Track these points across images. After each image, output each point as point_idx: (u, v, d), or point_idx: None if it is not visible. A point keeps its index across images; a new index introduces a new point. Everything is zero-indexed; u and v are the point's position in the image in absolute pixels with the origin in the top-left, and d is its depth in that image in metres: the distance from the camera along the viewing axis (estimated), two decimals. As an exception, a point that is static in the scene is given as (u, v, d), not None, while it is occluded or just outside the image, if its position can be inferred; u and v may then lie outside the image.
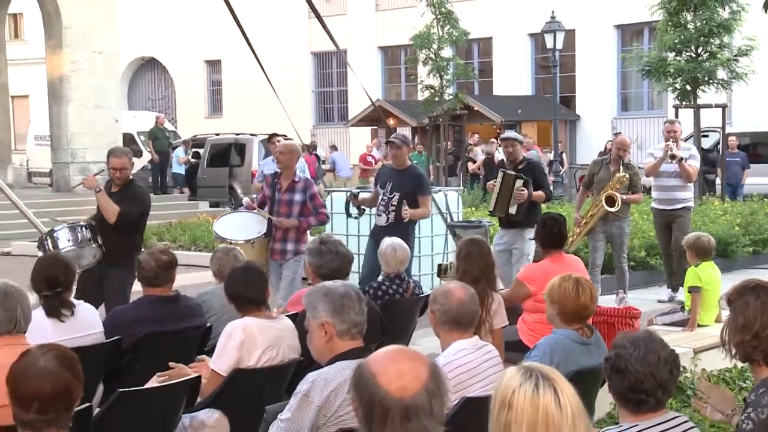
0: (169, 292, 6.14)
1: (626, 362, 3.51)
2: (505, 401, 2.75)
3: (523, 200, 9.82)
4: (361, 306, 4.27)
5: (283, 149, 9.51)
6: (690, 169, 11.10)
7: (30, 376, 3.29)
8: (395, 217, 9.48)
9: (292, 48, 37.80)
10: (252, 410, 4.88)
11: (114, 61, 26.39)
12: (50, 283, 5.73)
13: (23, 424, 3.30)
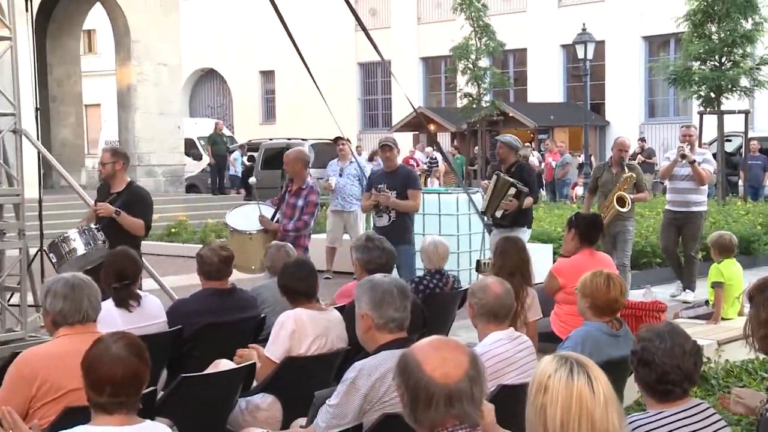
0: (227, 286, 6.17)
1: (653, 355, 3.48)
2: (541, 385, 2.74)
3: (511, 209, 9.55)
4: (403, 303, 4.25)
5: (286, 159, 9.44)
6: (703, 172, 10.72)
7: (103, 362, 3.31)
8: (397, 214, 9.35)
9: (340, 59, 37.86)
10: (302, 395, 4.88)
11: (177, 72, 26.60)
12: (119, 276, 5.78)
13: (96, 406, 3.33)
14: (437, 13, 36.70)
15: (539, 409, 2.72)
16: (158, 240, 16.68)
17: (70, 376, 3.85)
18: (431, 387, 2.70)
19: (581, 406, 2.69)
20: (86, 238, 7.68)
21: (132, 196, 8.14)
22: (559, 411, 2.69)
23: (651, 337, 3.55)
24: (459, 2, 27.79)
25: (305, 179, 9.21)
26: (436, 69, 37.95)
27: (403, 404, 2.78)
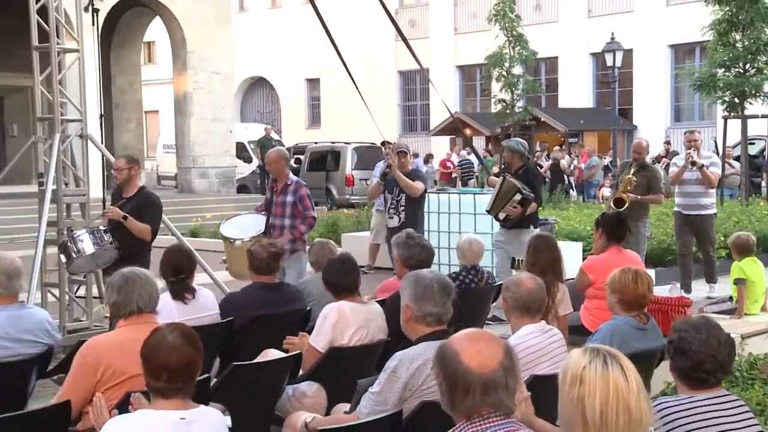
0: (275, 280, 6.21)
1: (690, 344, 3.47)
2: (576, 377, 2.72)
3: (515, 216, 9.31)
4: (443, 299, 4.26)
5: (269, 159, 9.09)
6: (712, 176, 10.43)
7: (160, 351, 3.34)
8: (406, 216, 9.29)
9: (381, 67, 37.89)
10: (346, 383, 4.89)
11: (229, 80, 26.78)
12: (175, 270, 5.84)
13: (154, 391, 3.36)
14: (473, 24, 36.59)
15: (576, 400, 2.70)
16: (211, 237, 16.78)
17: (131, 363, 3.89)
18: (469, 376, 2.71)
19: (618, 395, 2.67)
20: (95, 238, 7.61)
21: (142, 201, 8.05)
22: (598, 401, 2.67)
23: (687, 328, 3.54)
24: (494, 13, 27.77)
25: (288, 176, 8.88)
26: (472, 76, 37.87)
27: (441, 392, 2.78)
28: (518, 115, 28.21)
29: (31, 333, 4.94)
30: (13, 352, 4.84)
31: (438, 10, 38.85)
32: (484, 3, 33.25)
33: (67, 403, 4.15)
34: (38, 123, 9.64)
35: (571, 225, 14.32)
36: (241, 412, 4.66)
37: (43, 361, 5.04)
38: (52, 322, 5.23)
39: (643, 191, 10.10)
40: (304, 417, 4.54)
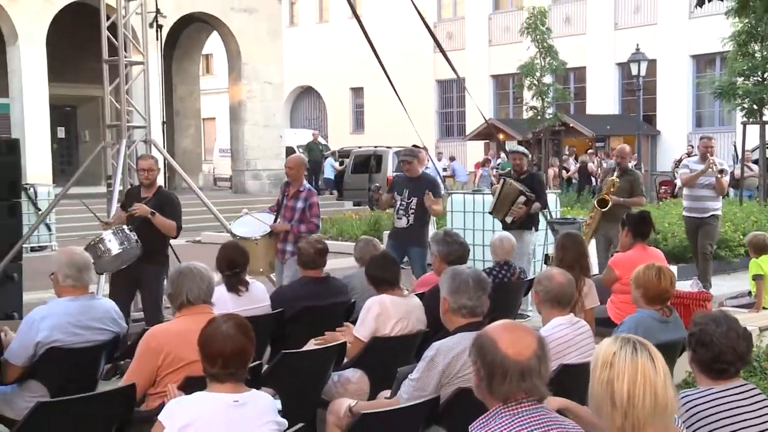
0: (321, 274, 6.20)
1: (710, 336, 3.43)
2: (606, 362, 2.72)
3: (519, 216, 9.17)
4: (477, 293, 4.26)
5: (290, 164, 8.81)
6: (725, 183, 10.29)
7: (216, 339, 3.36)
8: (414, 219, 8.98)
9: (420, 76, 37.86)
10: (387, 370, 4.90)
11: (280, 89, 26.91)
12: (230, 265, 5.86)
13: (210, 376, 3.39)
14: (506, 36, 36.45)
15: (605, 382, 2.69)
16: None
17: (189, 350, 3.91)
18: (507, 363, 2.71)
19: (645, 380, 2.67)
20: (120, 238, 7.46)
21: (163, 199, 7.91)
22: (626, 384, 2.66)
23: (707, 322, 3.50)
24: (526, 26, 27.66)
25: (302, 182, 8.71)
26: (505, 85, 37.71)
27: (479, 378, 2.78)
28: (548, 121, 28.08)
29: (100, 321, 4.98)
30: (84, 339, 4.89)
31: (473, 23, 38.75)
32: (517, 16, 33.15)
33: (132, 385, 4.20)
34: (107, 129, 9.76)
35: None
36: (290, 396, 4.68)
37: (111, 347, 5.09)
38: (119, 311, 5.28)
39: (626, 194, 9.97)
40: (348, 402, 4.55)
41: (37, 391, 4.72)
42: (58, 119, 25.01)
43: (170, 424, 3.23)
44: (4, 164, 9.34)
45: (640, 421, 2.67)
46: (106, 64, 9.53)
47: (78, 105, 26.96)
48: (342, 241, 15.67)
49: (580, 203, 20.97)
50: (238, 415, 3.31)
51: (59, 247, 12.42)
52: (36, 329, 4.77)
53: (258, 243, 8.37)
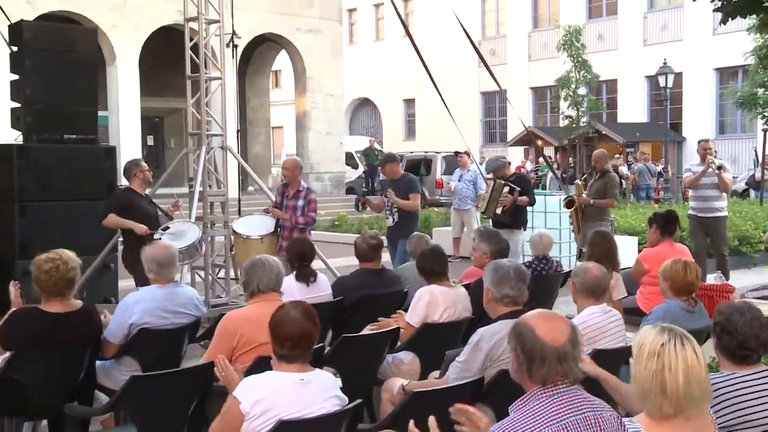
0: (378, 266, 6.18)
1: (735, 325, 3.37)
2: (654, 352, 2.68)
3: (507, 204, 8.94)
4: (518, 284, 4.24)
5: (286, 165, 8.58)
6: (727, 180, 9.78)
7: (286, 323, 3.38)
8: (399, 216, 8.79)
9: (466, 88, 37.73)
10: (436, 353, 4.90)
11: (340, 101, 27.00)
12: (299, 258, 5.89)
13: (279, 357, 3.41)
14: (544, 52, 36.16)
15: (655, 372, 2.65)
16: (324, 230, 16.94)
17: (260, 332, 3.93)
18: (545, 349, 2.68)
19: (693, 371, 2.64)
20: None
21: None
22: (680, 376, 2.63)
23: (732, 311, 3.44)
24: (562, 43, 27.48)
25: (300, 183, 8.44)
26: (543, 96, 37.42)
27: (518, 363, 2.75)
28: (582, 128, 27.86)
29: (183, 307, 5.04)
30: (169, 322, 4.96)
31: (514, 40, 38.51)
32: (554, 34, 32.88)
33: (211, 363, 4.25)
34: (189, 137, 9.86)
35: (628, 222, 14.12)
36: (349, 375, 4.69)
37: (193, 330, 5.16)
38: (199, 298, 5.34)
39: (600, 195, 9.59)
40: (401, 381, 4.56)
41: (131, 365, 4.80)
42: (147, 129, 25.40)
43: (244, 398, 3.27)
44: (103, 168, 9.52)
45: (684, 408, 2.64)
46: (189, 80, 9.64)
47: (165, 116, 27.36)
48: (396, 237, 15.70)
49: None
50: (304, 391, 3.33)
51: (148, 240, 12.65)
52: (129, 312, 4.86)
53: (263, 242, 8.13)
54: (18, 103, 9.30)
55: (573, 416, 2.62)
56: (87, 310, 4.68)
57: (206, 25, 9.58)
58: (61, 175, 9.07)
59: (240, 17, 13.27)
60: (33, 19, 16.07)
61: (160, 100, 24.66)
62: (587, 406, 2.68)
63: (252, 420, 3.23)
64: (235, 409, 3.27)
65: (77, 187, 9.17)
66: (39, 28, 9.88)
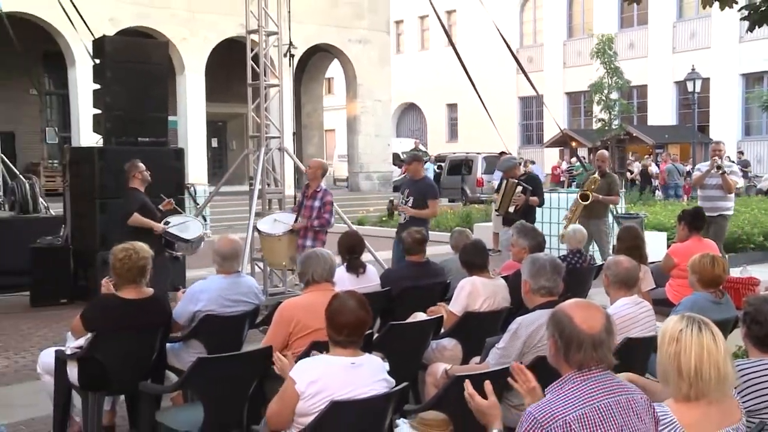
0: (422, 259, 6.15)
1: (764, 315, 3.29)
2: (673, 337, 2.63)
3: (520, 203, 8.71)
4: (554, 276, 4.18)
5: (311, 164, 8.30)
6: (731, 182, 9.39)
7: (343, 312, 3.36)
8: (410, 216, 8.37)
9: (505, 94, 37.46)
10: (477, 340, 4.85)
11: (388, 106, 27.02)
12: (350, 250, 5.86)
13: (335, 342, 3.39)
14: (578, 59, 35.74)
15: (673, 355, 2.61)
16: (372, 225, 16.97)
17: (314, 319, 3.94)
18: (581, 335, 2.64)
19: (709, 355, 2.58)
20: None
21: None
22: (693, 358, 2.58)
23: (761, 303, 3.35)
24: (595, 51, 27.21)
25: (319, 183, 8.18)
26: (577, 101, 36.97)
27: (556, 349, 2.71)
28: (614, 131, 27.54)
29: (245, 295, 5.08)
30: (232, 309, 4.99)
31: (550, 48, 38.14)
32: (588, 43, 32.51)
33: (269, 347, 4.29)
34: (249, 139, 9.96)
35: (657, 219, 13.92)
36: (396, 360, 4.68)
37: (253, 316, 5.18)
38: (258, 287, 5.38)
39: (603, 193, 9.50)
40: (444, 366, 4.54)
41: (197, 348, 4.84)
42: (212, 132, 25.71)
43: (300, 379, 3.27)
44: (173, 168, 9.67)
45: (703, 390, 2.59)
46: (249, 87, 9.74)
47: (227, 120, 27.66)
48: (439, 232, 15.64)
49: (642, 201, 20.44)
50: (355, 374, 3.33)
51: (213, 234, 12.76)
52: (196, 299, 4.92)
53: (281, 239, 7.99)
54: (99, 110, 9.49)
55: (606, 398, 2.59)
56: (158, 297, 4.75)
57: (266, 37, 9.66)
58: (136, 175, 9.22)
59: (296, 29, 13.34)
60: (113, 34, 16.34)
61: (223, 105, 24.94)
62: (619, 390, 2.65)
63: (306, 399, 3.24)
64: (291, 389, 3.28)
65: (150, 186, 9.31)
66: (118, 43, 10.06)
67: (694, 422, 2.59)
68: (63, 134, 22.12)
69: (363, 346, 3.51)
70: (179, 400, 4.74)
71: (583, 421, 2.51)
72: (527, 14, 39.72)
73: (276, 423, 3.36)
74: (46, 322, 8.30)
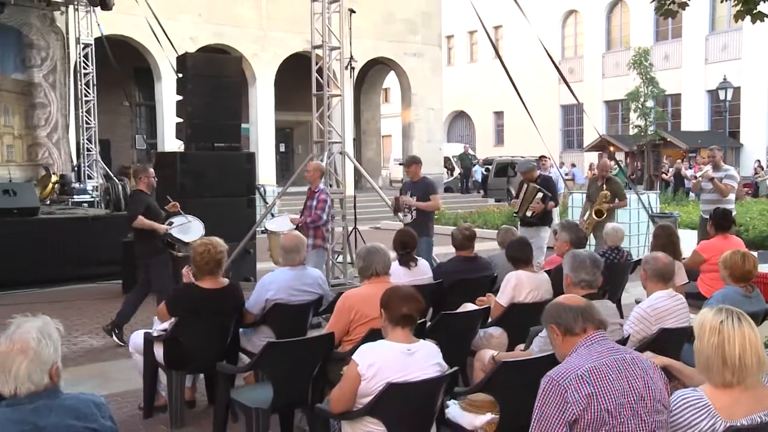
0: (471, 254, 6.07)
1: None
2: (714, 329, 2.56)
3: (538, 210, 8.48)
4: (593, 270, 4.11)
5: (309, 168, 8.01)
6: (722, 186, 8.97)
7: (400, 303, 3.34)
8: (417, 214, 8.16)
9: (548, 102, 36.96)
10: (522, 329, 4.78)
11: (439, 113, 26.92)
12: (403, 246, 5.81)
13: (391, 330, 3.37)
14: (616, 70, 35.09)
15: (716, 346, 2.55)
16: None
17: (372, 309, 3.92)
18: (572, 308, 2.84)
19: (751, 344, 2.52)
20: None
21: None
22: (737, 348, 2.52)
23: None
24: (632, 62, 26.66)
25: (318, 185, 7.97)
26: (615, 109, 36.27)
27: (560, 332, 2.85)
28: (650, 136, 26.97)
29: (310, 286, 5.10)
30: (298, 298, 5.02)
31: (590, 60, 37.50)
32: (625, 55, 31.86)
33: (331, 334, 4.30)
34: (314, 145, 10.01)
35: (690, 217, 13.60)
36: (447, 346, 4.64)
37: (317, 305, 5.20)
38: (323, 278, 5.40)
39: (611, 200, 9.26)
40: (491, 352, 4.49)
41: (267, 333, 4.88)
42: (280, 138, 26.00)
43: (361, 362, 3.27)
44: (245, 170, 9.79)
45: (744, 377, 2.53)
46: (314, 97, 9.78)
47: (294, 127, 27.93)
48: (486, 229, 15.55)
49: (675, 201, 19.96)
50: (409, 359, 3.31)
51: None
52: (266, 289, 4.95)
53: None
54: (181, 119, 9.66)
55: (611, 356, 2.69)
56: (232, 287, 4.80)
57: (329, 51, 9.69)
58: (212, 176, 9.39)
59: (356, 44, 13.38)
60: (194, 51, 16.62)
61: (290, 114, 25.18)
62: (622, 350, 2.77)
63: (367, 381, 3.24)
64: (353, 370, 3.28)
65: (225, 186, 9.46)
66: (198, 59, 10.23)
67: (727, 406, 2.53)
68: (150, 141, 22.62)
69: (417, 333, 3.49)
70: (251, 380, 4.79)
71: (593, 372, 2.59)
72: (568, 29, 39.15)
73: (339, 404, 3.35)
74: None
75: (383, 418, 3.24)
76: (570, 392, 2.53)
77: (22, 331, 2.35)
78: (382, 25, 24.48)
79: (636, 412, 2.58)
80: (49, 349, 2.34)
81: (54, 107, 15.08)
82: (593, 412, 2.53)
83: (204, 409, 5.12)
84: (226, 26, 21.69)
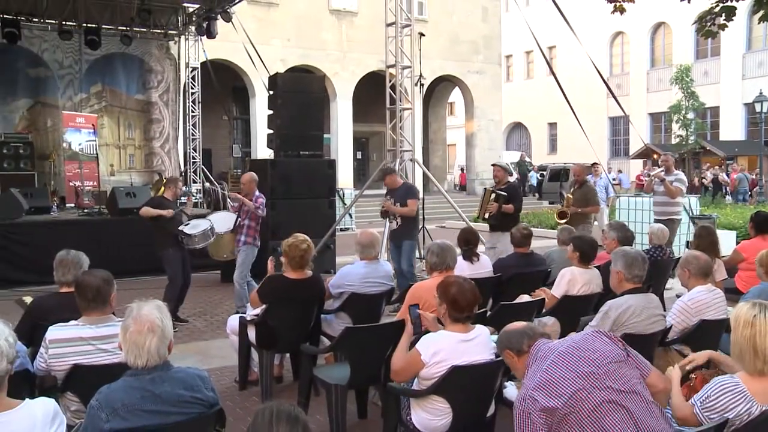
0: (527, 251, 5.92)
1: None
2: (748, 322, 2.47)
3: (493, 210, 7.74)
4: (643, 266, 3.95)
5: (243, 181, 7.23)
6: (672, 189, 8.45)
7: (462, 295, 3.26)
8: (401, 220, 7.59)
9: (597, 114, 36.01)
10: (572, 319, 4.66)
11: (499, 124, 26.54)
12: (466, 242, 5.73)
13: (453, 318, 3.30)
14: (660, 85, 33.86)
15: (749, 337, 2.45)
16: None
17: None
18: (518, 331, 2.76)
19: None
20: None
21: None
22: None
23: None
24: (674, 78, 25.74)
25: (254, 193, 7.15)
26: (658, 120, 35.03)
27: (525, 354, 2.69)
28: (690, 145, 25.96)
29: (382, 278, 5.06)
30: (373, 290, 4.99)
31: (636, 76, 36.35)
32: (668, 71, 30.76)
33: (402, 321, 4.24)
34: (387, 153, 9.99)
35: (728, 219, 13.01)
36: (505, 335, 4.55)
37: (389, 295, 5.16)
38: (391, 271, 5.35)
39: (583, 204, 8.53)
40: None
41: (345, 319, 4.88)
42: (357, 147, 26.19)
43: (424, 350, 3.22)
44: (327, 175, 9.86)
45: None
46: (387, 110, 9.77)
47: (369, 137, 28.07)
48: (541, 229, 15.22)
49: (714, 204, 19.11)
50: (468, 345, 3.24)
51: (357, 228, 12.94)
52: (345, 277, 4.95)
53: (223, 236, 7.42)
54: (272, 130, 9.82)
55: (552, 353, 2.56)
56: (315, 278, 4.81)
57: (401, 70, 9.65)
58: (298, 181, 9.50)
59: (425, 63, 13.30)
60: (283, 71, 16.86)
61: (366, 125, 25.32)
62: (563, 341, 2.66)
63: (430, 367, 3.20)
64: (416, 357, 3.23)
65: (309, 189, 9.56)
66: (287, 78, 10.38)
67: (762, 392, 2.46)
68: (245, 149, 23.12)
69: (476, 321, 3.42)
70: (331, 360, 4.79)
71: (543, 383, 2.43)
72: (616, 48, 38.11)
73: (399, 377, 3.37)
74: (231, 294, 8.62)
75: (447, 396, 3.20)
76: (534, 414, 2.38)
77: (145, 312, 2.47)
78: (449, 47, 24.34)
79: (598, 378, 2.42)
80: (168, 328, 2.48)
81: (167, 122, 15.66)
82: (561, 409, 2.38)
83: (290, 384, 5.16)
84: (312, 49, 21.97)
